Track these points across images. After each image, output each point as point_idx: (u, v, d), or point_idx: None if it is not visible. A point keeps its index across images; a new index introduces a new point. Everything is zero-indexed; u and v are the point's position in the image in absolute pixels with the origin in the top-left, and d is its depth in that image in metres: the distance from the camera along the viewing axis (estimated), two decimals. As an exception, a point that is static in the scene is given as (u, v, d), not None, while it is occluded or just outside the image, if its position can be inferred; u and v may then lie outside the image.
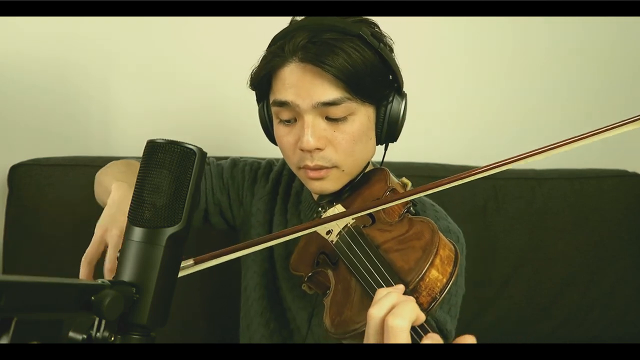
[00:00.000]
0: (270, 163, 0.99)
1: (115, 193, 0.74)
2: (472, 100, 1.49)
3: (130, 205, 0.46)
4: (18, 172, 1.15)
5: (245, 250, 0.60)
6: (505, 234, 1.31)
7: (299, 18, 0.79)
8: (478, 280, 1.29)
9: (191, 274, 0.63)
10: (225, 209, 0.96)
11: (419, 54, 1.41)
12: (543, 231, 1.33)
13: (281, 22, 0.80)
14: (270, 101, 0.78)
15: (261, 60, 0.78)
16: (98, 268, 0.69)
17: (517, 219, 1.32)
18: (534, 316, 1.33)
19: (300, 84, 0.72)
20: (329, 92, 0.72)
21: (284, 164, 0.98)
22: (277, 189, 0.95)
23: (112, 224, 0.69)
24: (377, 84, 0.75)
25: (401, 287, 0.55)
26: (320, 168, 0.75)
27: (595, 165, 1.44)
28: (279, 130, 0.79)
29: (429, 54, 1.43)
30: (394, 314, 0.49)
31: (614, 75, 1.56)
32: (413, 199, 0.73)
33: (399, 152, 1.01)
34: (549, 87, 1.53)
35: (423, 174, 1.26)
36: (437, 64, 1.45)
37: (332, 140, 0.74)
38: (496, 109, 1.51)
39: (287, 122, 0.77)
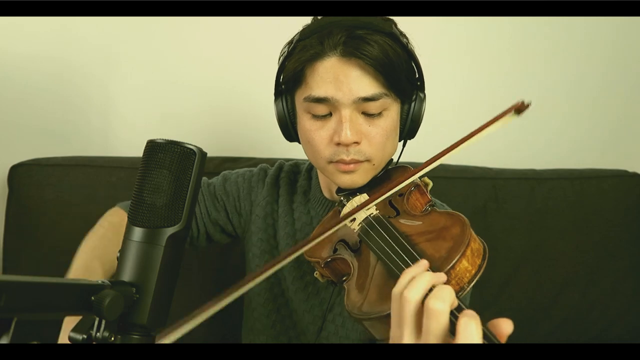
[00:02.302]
0: (263, 169, 0.98)
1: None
2: (471, 100, 1.49)
3: (130, 205, 0.46)
4: (18, 172, 1.15)
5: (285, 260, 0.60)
6: (505, 234, 1.31)
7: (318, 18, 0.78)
8: (478, 280, 1.28)
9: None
10: (225, 224, 0.96)
11: (419, 53, 1.41)
12: (543, 231, 1.33)
13: (281, 23, 0.79)
14: (302, 97, 0.76)
15: (293, 53, 0.76)
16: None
17: (517, 219, 1.32)
18: (534, 316, 1.33)
19: (341, 78, 0.72)
20: (368, 87, 0.72)
21: (280, 167, 0.97)
22: (276, 191, 0.94)
23: None
24: (407, 80, 0.77)
25: (425, 263, 0.55)
26: (356, 162, 0.76)
27: (595, 165, 1.44)
28: (309, 125, 0.77)
29: (428, 54, 1.42)
30: (436, 297, 0.49)
31: (614, 75, 1.56)
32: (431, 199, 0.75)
33: (398, 151, 1.01)
34: (549, 87, 1.53)
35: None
36: (437, 63, 1.45)
37: (367, 134, 0.75)
38: (496, 108, 1.51)
39: (322, 117, 0.76)
